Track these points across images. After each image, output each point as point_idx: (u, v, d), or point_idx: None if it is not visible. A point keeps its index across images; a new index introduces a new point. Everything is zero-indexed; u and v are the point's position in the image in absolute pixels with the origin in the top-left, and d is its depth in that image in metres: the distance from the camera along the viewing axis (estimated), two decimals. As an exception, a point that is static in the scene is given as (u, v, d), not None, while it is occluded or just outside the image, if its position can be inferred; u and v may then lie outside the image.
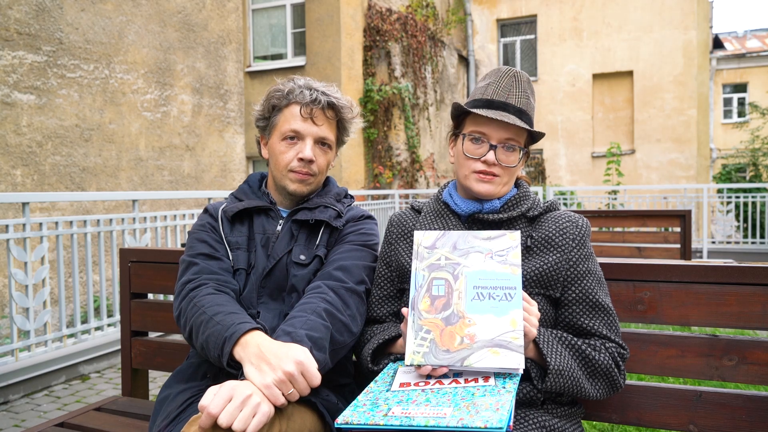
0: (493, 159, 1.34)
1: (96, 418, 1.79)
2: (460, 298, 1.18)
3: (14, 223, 3.46)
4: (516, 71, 1.38)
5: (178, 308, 1.40)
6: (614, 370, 1.29)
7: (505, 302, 1.17)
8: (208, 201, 5.16)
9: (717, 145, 19.81)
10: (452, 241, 1.25)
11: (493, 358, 1.12)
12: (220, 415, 1.04)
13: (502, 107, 1.34)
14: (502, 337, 1.14)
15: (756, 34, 23.07)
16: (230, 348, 1.22)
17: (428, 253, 1.24)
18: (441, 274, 1.22)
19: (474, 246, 1.24)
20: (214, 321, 1.28)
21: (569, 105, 14.13)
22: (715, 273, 1.41)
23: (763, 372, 1.37)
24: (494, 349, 1.13)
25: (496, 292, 1.18)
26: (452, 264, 1.22)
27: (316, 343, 1.26)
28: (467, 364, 1.12)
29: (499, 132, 1.34)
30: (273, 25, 9.99)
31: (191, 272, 1.43)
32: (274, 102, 1.52)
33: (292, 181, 1.51)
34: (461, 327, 1.16)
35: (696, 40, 13.00)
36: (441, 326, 1.16)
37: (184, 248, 1.56)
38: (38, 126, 5.27)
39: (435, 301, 1.19)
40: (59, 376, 3.68)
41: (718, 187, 10.31)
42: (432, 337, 1.15)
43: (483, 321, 1.16)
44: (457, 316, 1.17)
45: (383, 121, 9.98)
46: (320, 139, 1.52)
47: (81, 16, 5.63)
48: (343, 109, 1.55)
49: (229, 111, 7.57)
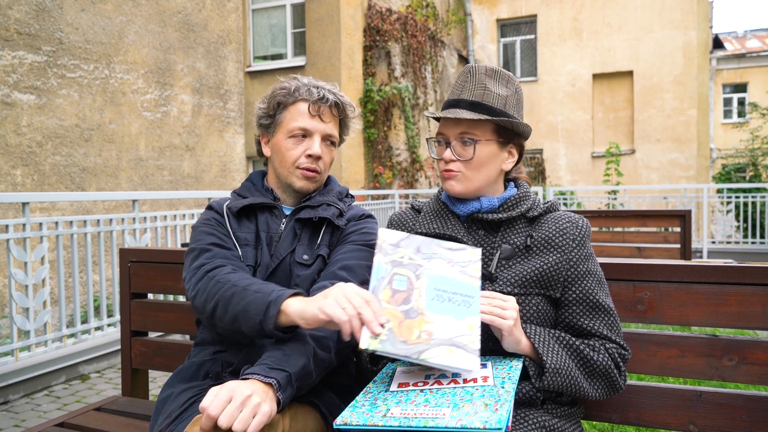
0: (450, 155, 1.36)
1: (96, 418, 1.79)
2: (420, 296, 1.19)
3: (14, 223, 3.46)
4: (472, 66, 1.39)
5: (195, 288, 1.36)
6: (613, 371, 1.29)
7: (463, 308, 1.18)
8: (208, 201, 5.16)
9: (717, 145, 19.81)
10: (416, 244, 1.26)
11: (449, 356, 1.12)
12: (220, 416, 1.04)
13: (455, 105, 1.36)
14: (459, 338, 1.14)
15: (756, 34, 23.07)
16: (276, 310, 1.19)
17: (392, 250, 1.25)
18: (403, 270, 1.22)
19: (437, 252, 1.25)
20: (251, 290, 1.26)
21: (569, 105, 14.12)
22: (715, 273, 1.41)
23: (763, 372, 1.37)
24: (451, 348, 1.13)
25: (455, 297, 1.19)
26: (415, 264, 1.23)
27: (320, 342, 1.26)
28: (423, 358, 1.12)
29: (453, 129, 1.36)
30: (273, 25, 9.99)
31: (204, 257, 1.41)
32: (280, 99, 1.52)
33: (299, 178, 1.51)
34: (420, 322, 1.15)
35: (696, 40, 13.00)
36: (400, 318, 1.16)
37: (186, 247, 1.55)
38: (38, 126, 5.27)
39: (396, 294, 1.19)
40: (59, 376, 3.68)
41: (718, 187, 10.31)
42: (391, 326, 1.15)
43: (441, 321, 1.16)
44: (417, 312, 1.17)
45: (383, 121, 9.98)
46: (327, 136, 1.52)
47: (81, 16, 5.64)
48: (347, 108, 1.56)
49: (229, 111, 7.57)
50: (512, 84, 1.39)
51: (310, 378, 1.23)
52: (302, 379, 1.20)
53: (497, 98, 1.35)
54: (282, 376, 1.15)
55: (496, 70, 1.38)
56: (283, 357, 1.20)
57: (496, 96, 1.35)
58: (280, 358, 1.20)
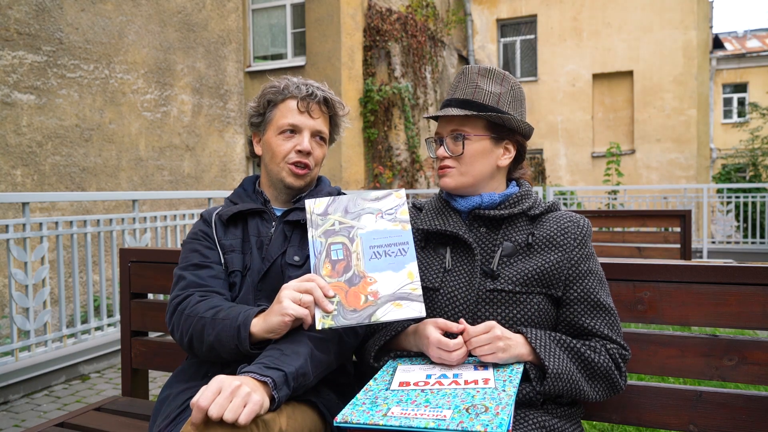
0: (443, 152, 1.41)
1: (96, 418, 1.79)
2: (359, 259, 1.25)
3: (14, 223, 3.46)
4: (467, 67, 1.43)
5: (170, 323, 1.43)
6: (614, 372, 1.29)
7: (400, 257, 1.25)
8: (208, 201, 5.16)
9: (717, 145, 19.81)
10: (343, 205, 1.31)
11: (396, 311, 1.21)
12: (210, 407, 1.03)
13: (447, 104, 1.41)
14: (403, 289, 1.22)
15: (756, 34, 23.07)
16: (247, 332, 1.24)
17: (321, 220, 1.30)
18: (338, 238, 1.28)
19: (364, 208, 1.30)
20: (218, 319, 1.30)
21: (569, 105, 14.12)
22: (715, 273, 1.41)
23: (763, 372, 1.37)
24: (397, 302, 1.22)
25: (390, 249, 1.26)
26: (346, 228, 1.29)
27: (319, 344, 1.27)
28: (374, 319, 1.20)
29: (445, 127, 1.42)
30: (273, 25, 9.99)
31: (178, 288, 1.46)
32: (270, 97, 1.54)
33: (289, 174, 1.53)
34: (364, 286, 1.23)
35: (696, 40, 12.99)
36: (345, 288, 1.23)
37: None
38: (38, 126, 5.27)
39: (336, 265, 1.26)
40: (59, 376, 3.68)
41: (718, 187, 10.31)
42: (338, 299, 1.22)
43: (383, 278, 1.24)
44: (359, 277, 1.24)
45: (383, 121, 9.98)
46: (317, 132, 1.54)
47: (81, 16, 5.63)
48: (336, 105, 1.58)
49: (229, 111, 7.57)
50: (507, 82, 1.40)
51: (307, 379, 1.23)
52: (298, 379, 1.20)
53: (488, 95, 1.37)
54: (278, 375, 1.15)
55: (489, 70, 1.41)
56: (280, 356, 1.20)
57: (488, 93, 1.38)
58: (277, 357, 1.20)
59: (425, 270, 1.40)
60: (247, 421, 1.04)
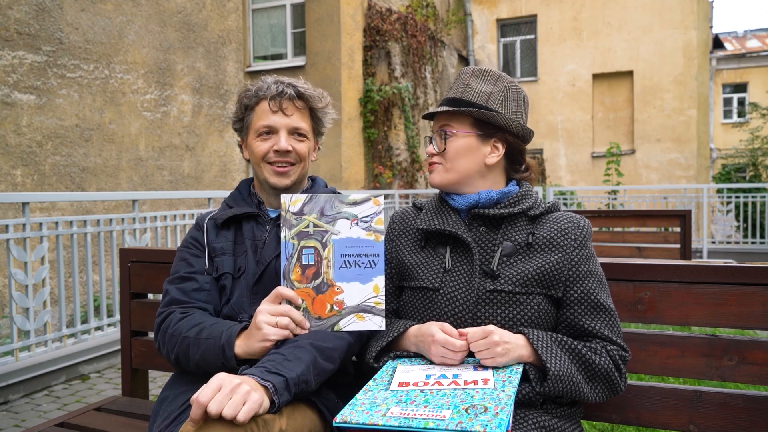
0: (431, 149, 1.44)
1: (96, 418, 1.79)
2: (329, 267, 1.28)
3: (14, 223, 3.46)
4: (463, 68, 1.46)
5: (157, 342, 1.45)
6: (614, 374, 1.29)
7: (369, 269, 1.28)
8: (208, 201, 5.16)
9: (717, 145, 19.81)
10: (319, 206, 1.31)
11: (358, 323, 1.26)
12: (210, 403, 1.04)
13: (440, 104, 1.44)
14: (367, 302, 1.27)
15: (756, 34, 23.07)
16: (231, 351, 1.27)
17: (296, 220, 1.30)
18: (310, 242, 1.29)
19: (341, 212, 1.31)
20: (201, 338, 1.33)
21: (569, 105, 14.12)
22: (715, 273, 1.41)
23: (763, 372, 1.37)
24: (360, 314, 1.27)
25: (361, 260, 1.29)
26: (320, 231, 1.30)
27: (324, 352, 1.27)
28: (336, 329, 1.26)
29: (435, 125, 1.45)
30: (273, 25, 9.99)
31: (162, 304, 1.49)
32: (246, 102, 1.56)
33: (271, 174, 1.53)
34: (331, 295, 1.28)
35: (696, 40, 12.99)
36: (312, 295, 1.28)
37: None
38: (38, 126, 5.27)
39: (306, 271, 1.28)
40: (59, 376, 3.68)
41: (718, 187, 10.31)
42: (305, 306, 1.27)
43: (350, 288, 1.28)
44: (327, 285, 1.27)
45: (383, 121, 9.98)
46: (294, 129, 1.53)
47: (81, 16, 5.63)
48: (312, 98, 1.55)
49: (229, 111, 7.57)
50: (501, 82, 1.41)
51: (309, 386, 1.23)
52: (300, 385, 1.20)
53: (477, 94, 1.39)
54: (279, 381, 1.15)
55: (484, 70, 1.42)
56: (283, 361, 1.20)
57: (477, 92, 1.39)
58: (279, 362, 1.20)
59: (425, 270, 1.40)
60: (246, 418, 1.04)
